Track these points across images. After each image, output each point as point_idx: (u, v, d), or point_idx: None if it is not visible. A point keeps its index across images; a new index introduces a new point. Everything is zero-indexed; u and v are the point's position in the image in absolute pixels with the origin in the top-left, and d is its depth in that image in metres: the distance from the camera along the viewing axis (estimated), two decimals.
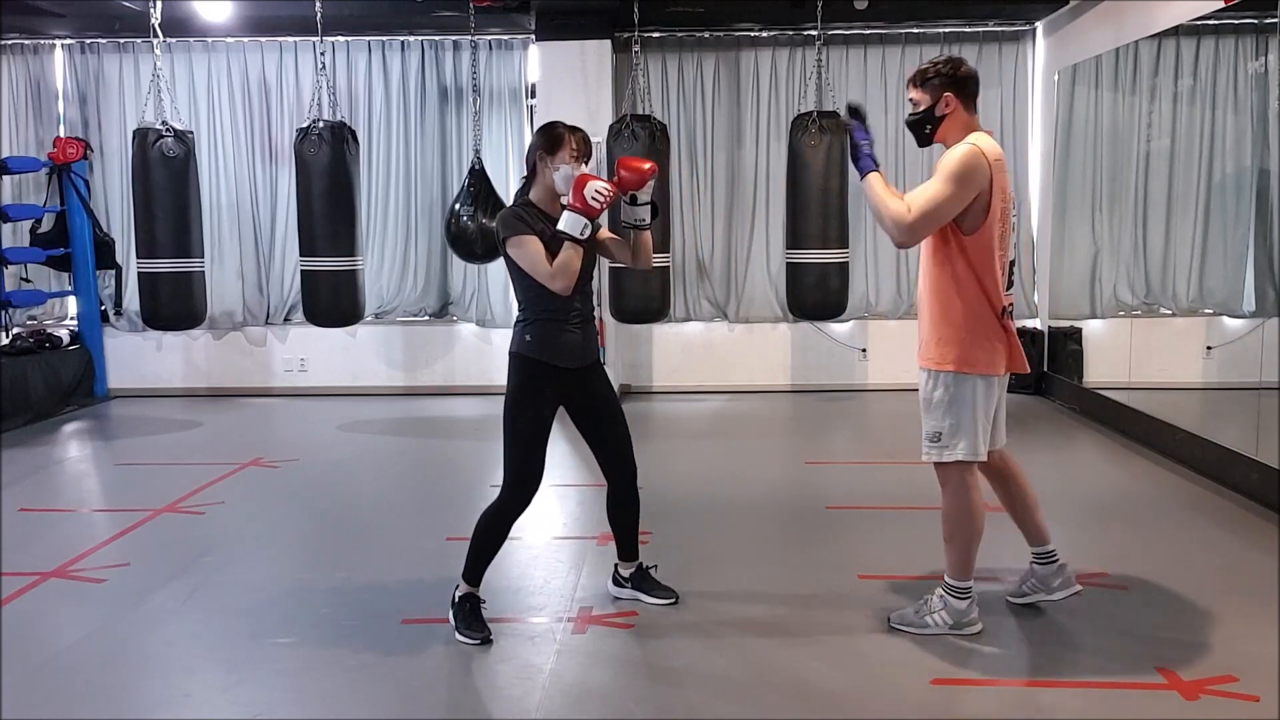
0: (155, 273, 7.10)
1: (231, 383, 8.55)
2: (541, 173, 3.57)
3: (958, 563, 3.52)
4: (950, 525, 3.52)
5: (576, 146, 3.54)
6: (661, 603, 3.84)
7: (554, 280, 3.43)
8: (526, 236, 3.47)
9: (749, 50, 8.29)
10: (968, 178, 3.27)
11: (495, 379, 8.45)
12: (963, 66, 3.44)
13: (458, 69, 8.31)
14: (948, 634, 3.51)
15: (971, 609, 3.54)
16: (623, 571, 3.93)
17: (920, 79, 3.43)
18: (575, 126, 3.62)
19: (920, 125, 3.46)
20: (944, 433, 3.44)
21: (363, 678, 3.30)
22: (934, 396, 3.45)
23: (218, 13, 7.57)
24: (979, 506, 3.50)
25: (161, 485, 5.65)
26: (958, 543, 3.51)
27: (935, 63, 3.45)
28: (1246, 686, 3.12)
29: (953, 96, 3.38)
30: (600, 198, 3.41)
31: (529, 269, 3.48)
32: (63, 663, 3.45)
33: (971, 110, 3.43)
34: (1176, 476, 5.65)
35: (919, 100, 3.43)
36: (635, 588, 3.90)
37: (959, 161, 3.29)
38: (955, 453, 3.44)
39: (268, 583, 4.20)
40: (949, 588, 3.54)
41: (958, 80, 3.40)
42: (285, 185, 8.27)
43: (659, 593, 3.87)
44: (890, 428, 7.40)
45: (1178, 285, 7.38)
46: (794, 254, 7.37)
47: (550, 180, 3.55)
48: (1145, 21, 6.47)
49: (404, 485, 6.04)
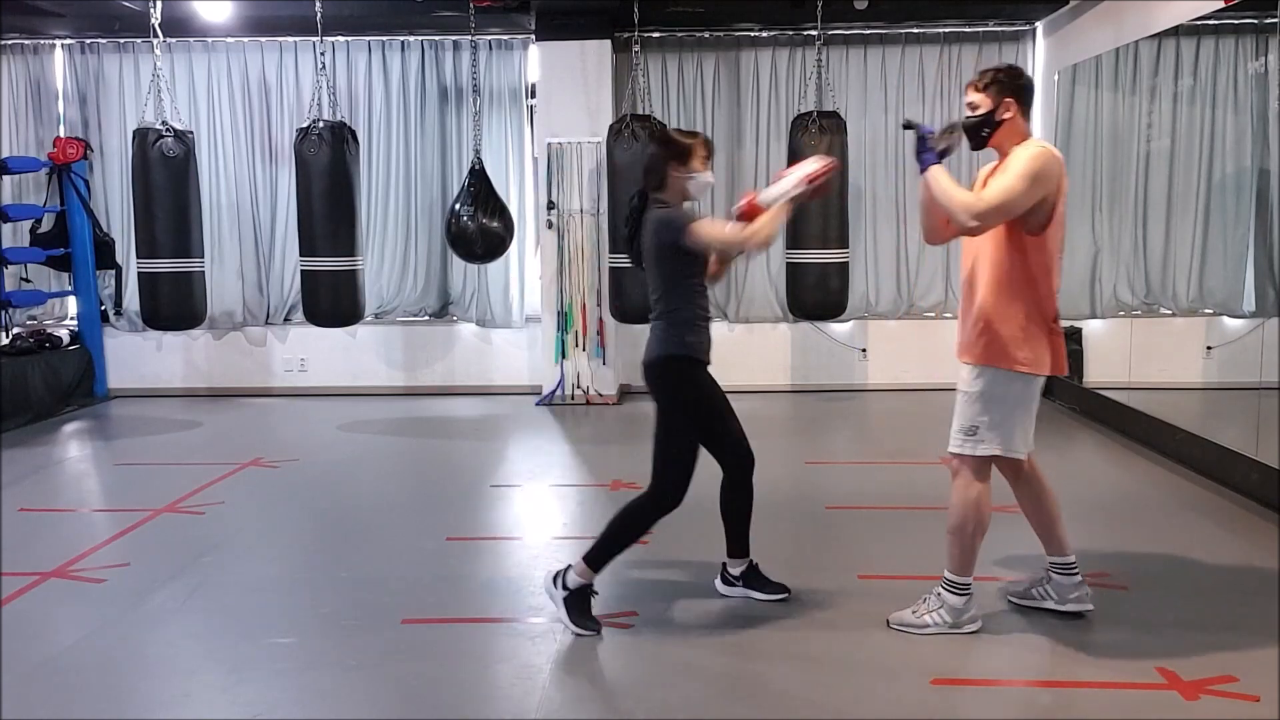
0: (155, 273, 7.10)
1: (231, 383, 8.55)
2: (673, 181, 3.64)
3: (959, 556, 3.52)
4: (955, 517, 3.52)
5: (704, 150, 3.66)
6: (774, 598, 3.82)
7: (753, 241, 3.54)
8: (702, 219, 3.62)
9: (749, 50, 8.29)
10: (1040, 177, 3.30)
11: (495, 379, 8.51)
12: (1024, 74, 3.52)
13: (458, 69, 8.31)
14: (946, 632, 3.51)
15: (970, 606, 3.54)
16: (732, 570, 3.90)
17: (982, 82, 3.45)
18: (694, 131, 3.79)
19: (978, 128, 3.47)
20: (981, 427, 3.46)
21: (363, 678, 3.30)
22: (977, 391, 3.46)
23: (218, 13, 7.57)
24: (987, 500, 3.51)
25: (161, 485, 5.65)
26: (962, 536, 3.51)
27: (997, 68, 3.51)
28: (1246, 686, 3.12)
29: (1013, 102, 3.42)
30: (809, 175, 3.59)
31: (722, 240, 3.60)
32: (63, 663, 3.45)
33: (1027, 119, 3.47)
34: (1176, 476, 5.65)
35: (979, 104, 3.45)
36: (747, 585, 3.87)
37: (1034, 160, 3.32)
38: (990, 447, 3.45)
39: (268, 583, 4.20)
40: (948, 583, 3.54)
41: (1019, 87, 3.44)
42: (285, 185, 8.27)
43: (771, 589, 3.85)
44: (890, 428, 7.41)
45: (1178, 285, 7.39)
46: (794, 254, 7.37)
47: (684, 187, 3.63)
48: (1145, 21, 6.46)
49: (404, 485, 6.04)
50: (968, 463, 3.51)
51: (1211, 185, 6.84)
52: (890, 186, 8.34)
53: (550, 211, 7.89)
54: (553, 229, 7.90)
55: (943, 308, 8.45)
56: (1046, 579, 3.70)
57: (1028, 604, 3.72)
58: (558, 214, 7.88)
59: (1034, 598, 3.71)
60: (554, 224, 7.89)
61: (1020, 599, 3.75)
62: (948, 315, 8.45)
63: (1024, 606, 3.72)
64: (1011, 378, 3.42)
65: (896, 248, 8.38)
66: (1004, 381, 3.43)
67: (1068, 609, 3.63)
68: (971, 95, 3.48)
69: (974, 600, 3.56)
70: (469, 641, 3.59)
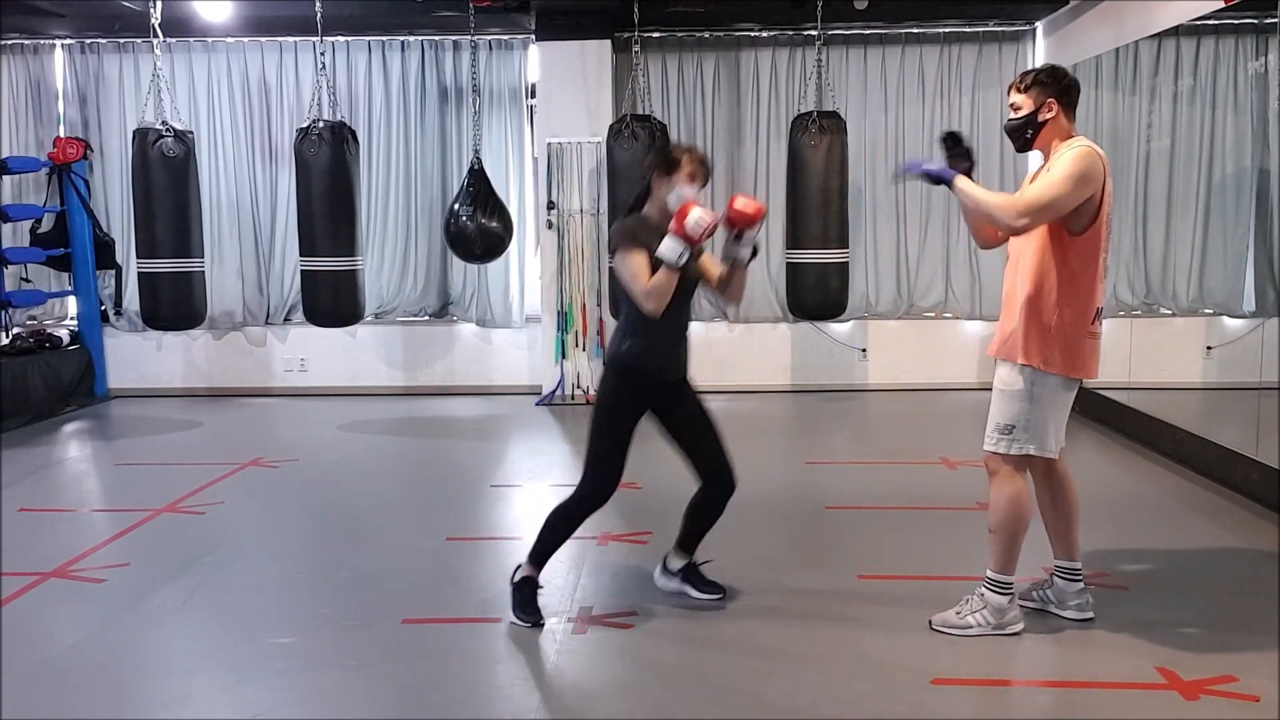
0: (155, 273, 7.10)
1: (231, 383, 8.55)
2: (656, 191, 3.62)
3: (1001, 554, 3.51)
4: (998, 514, 3.51)
5: (693, 168, 3.58)
6: (709, 598, 3.83)
7: (646, 300, 3.49)
8: (635, 251, 3.53)
9: (749, 50, 8.29)
10: (1086, 177, 3.30)
11: (495, 379, 8.51)
12: (1068, 74, 3.50)
13: (458, 69, 8.31)
14: (990, 634, 3.49)
15: (1013, 606, 3.53)
16: (673, 563, 3.91)
17: (1024, 84, 3.45)
18: (692, 147, 3.70)
19: (1021, 130, 3.47)
20: (1018, 426, 3.44)
21: (363, 678, 3.30)
22: (1014, 390, 3.45)
23: (218, 13, 7.57)
24: (1026, 496, 3.51)
25: (161, 485, 5.65)
26: (1004, 533, 3.50)
27: (1038, 69, 3.51)
28: (1246, 686, 3.12)
29: (1055, 102, 3.41)
30: (700, 228, 3.41)
31: (627, 282, 3.55)
32: (63, 663, 3.45)
33: (1071, 119, 3.46)
34: (1176, 476, 5.65)
35: (1021, 105, 3.45)
36: (685, 580, 3.89)
37: (1079, 159, 3.31)
38: (1025, 447, 3.45)
39: (268, 583, 4.20)
40: (990, 582, 3.52)
41: (1062, 87, 3.43)
42: (285, 185, 8.26)
43: (707, 588, 3.86)
44: (890, 428, 7.41)
45: (1178, 285, 7.39)
46: (794, 254, 7.37)
47: (664, 200, 3.59)
48: (1145, 21, 6.46)
49: (404, 485, 6.04)
50: (1006, 461, 3.49)
51: (1211, 185, 6.85)
52: (890, 186, 8.34)
53: (550, 211, 7.89)
54: (553, 229, 7.90)
55: (942, 308, 8.45)
56: (1049, 583, 3.69)
57: (1027, 605, 3.70)
58: (558, 214, 7.88)
59: (1034, 600, 3.71)
60: (554, 224, 7.89)
61: (1023, 600, 3.72)
62: (948, 315, 8.45)
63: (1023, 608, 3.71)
64: (1049, 378, 3.41)
65: (896, 248, 8.38)
66: (1041, 381, 3.42)
67: (1067, 615, 3.62)
68: (1013, 96, 3.48)
69: (1016, 600, 3.55)
70: (469, 641, 3.59)
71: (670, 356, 3.69)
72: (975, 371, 8.39)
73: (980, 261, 8.29)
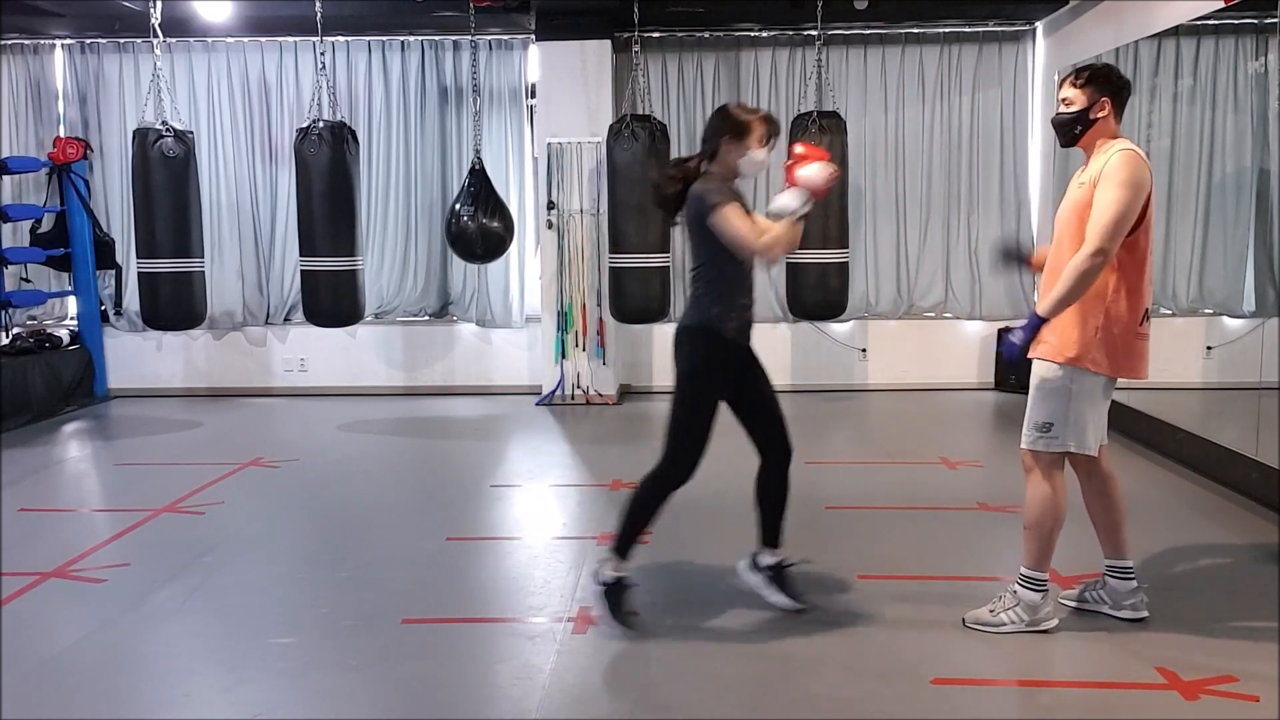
0: (155, 273, 7.10)
1: (231, 383, 8.55)
2: (726, 155, 3.58)
3: (1036, 552, 3.51)
4: (1034, 511, 3.50)
5: (764, 130, 3.57)
6: (787, 607, 3.71)
7: (768, 250, 3.47)
8: (734, 206, 3.48)
9: (749, 50, 8.29)
10: (1140, 182, 3.29)
11: (495, 379, 8.52)
12: (1122, 76, 3.48)
13: (458, 69, 8.31)
14: (1025, 631, 3.49)
15: (1046, 603, 3.53)
16: (763, 559, 3.79)
17: (1080, 79, 3.42)
18: (761, 110, 3.67)
19: (1071, 125, 3.45)
20: (1056, 423, 3.44)
21: (363, 678, 3.30)
22: (1052, 387, 3.44)
23: (218, 13, 7.57)
24: (1063, 493, 3.50)
25: (161, 485, 5.65)
26: (1039, 530, 3.50)
27: (1095, 65, 3.49)
28: (1246, 686, 3.12)
29: (1109, 101, 3.39)
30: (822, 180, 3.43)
31: (736, 236, 3.46)
32: (63, 663, 3.45)
33: (1119, 120, 3.44)
34: (1176, 476, 5.65)
35: (1074, 100, 3.42)
36: (769, 581, 3.76)
37: (1128, 166, 3.29)
38: (1066, 444, 3.45)
39: (268, 583, 4.20)
40: (1024, 578, 3.52)
41: (1116, 87, 3.42)
42: (285, 185, 8.26)
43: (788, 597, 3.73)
44: (890, 428, 7.41)
45: (1178, 285, 7.38)
46: (794, 254, 7.35)
47: (734, 163, 3.56)
48: (1145, 21, 6.46)
49: (404, 485, 6.04)
50: (1041, 459, 3.49)
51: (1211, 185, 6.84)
52: (890, 186, 8.34)
53: (550, 211, 7.89)
54: (553, 229, 7.90)
55: (942, 308, 8.45)
56: (1102, 583, 3.68)
57: (1081, 607, 3.68)
58: (558, 214, 7.88)
59: (1088, 601, 3.69)
60: (554, 224, 7.90)
61: (1075, 602, 3.71)
62: (948, 315, 8.45)
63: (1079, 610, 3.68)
64: (1090, 376, 3.41)
65: (896, 248, 8.38)
66: (1080, 379, 3.41)
67: (1123, 615, 3.60)
68: (1067, 91, 3.45)
69: (1050, 596, 3.55)
70: (469, 641, 3.59)
71: (750, 320, 3.69)
72: (975, 371, 8.39)
73: (980, 261, 8.30)
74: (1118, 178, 3.28)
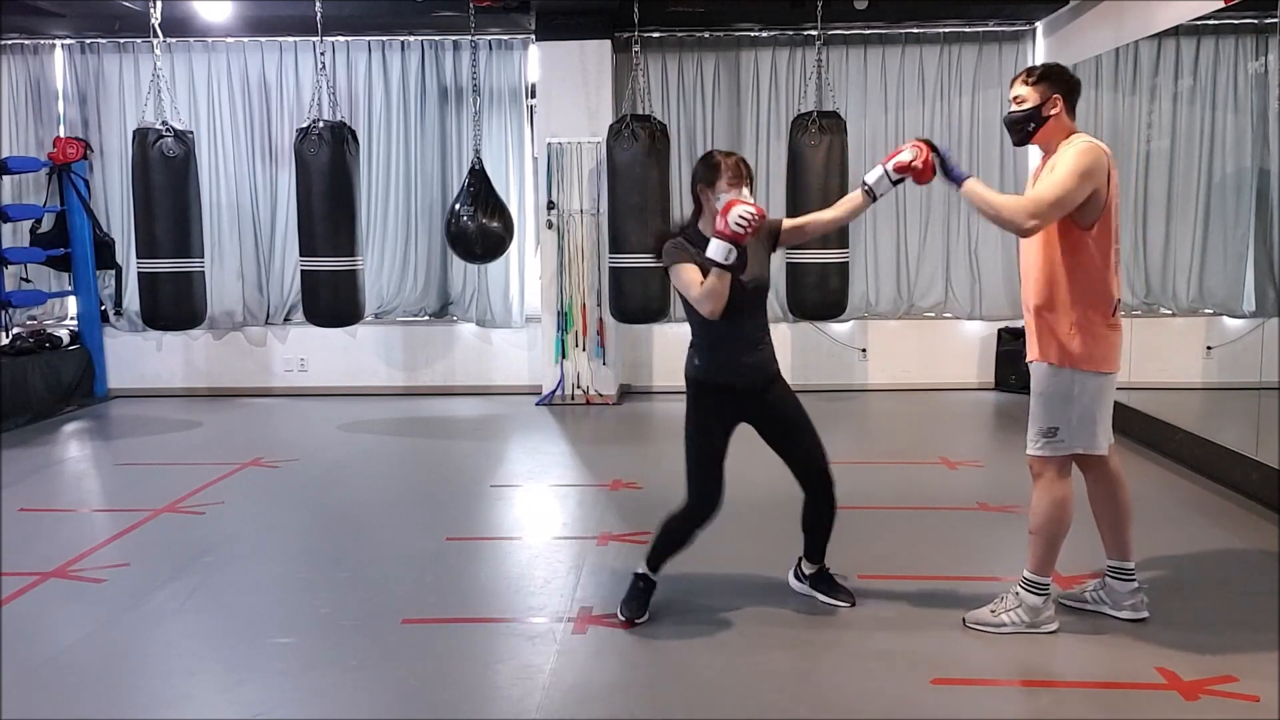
0: (155, 273, 7.09)
1: (231, 383, 8.55)
2: (706, 204, 3.63)
3: (1040, 557, 3.51)
4: (1040, 518, 3.50)
5: (731, 172, 3.58)
6: (837, 604, 3.82)
7: (702, 304, 3.49)
8: (682, 263, 3.54)
9: (749, 50, 8.29)
10: (1090, 172, 3.30)
11: (494, 379, 8.52)
12: (1072, 74, 3.51)
13: (458, 69, 8.31)
14: (1024, 632, 3.49)
15: (1047, 606, 3.53)
16: (806, 568, 3.94)
17: (1032, 77, 3.44)
18: (729, 151, 3.70)
19: (1023, 123, 3.46)
20: (1061, 428, 3.44)
21: (363, 678, 3.30)
22: (1054, 391, 3.44)
23: (218, 13, 7.57)
24: (1070, 500, 3.50)
25: (161, 485, 5.65)
26: (1045, 536, 3.50)
27: (1047, 64, 3.52)
28: (1246, 686, 3.12)
29: (1060, 99, 3.41)
30: (744, 223, 3.38)
31: (683, 291, 3.55)
32: (63, 663, 3.45)
33: (1072, 117, 3.46)
34: (1176, 476, 5.65)
35: (1026, 98, 3.44)
36: (814, 586, 3.90)
37: (1082, 155, 3.31)
38: (1073, 447, 3.45)
39: (268, 583, 4.20)
40: (1027, 583, 3.52)
41: (1067, 83, 3.44)
42: (285, 185, 8.27)
43: (836, 594, 3.86)
44: (890, 428, 7.41)
45: (1178, 285, 7.39)
46: (794, 254, 7.37)
47: (715, 210, 3.57)
48: (1145, 21, 6.46)
49: (404, 485, 6.04)
50: (1050, 464, 3.49)
51: (1211, 185, 6.85)
52: None
53: (550, 211, 7.89)
54: (553, 229, 7.90)
55: (942, 308, 8.46)
56: (1102, 584, 3.68)
57: (1081, 607, 3.68)
58: (558, 214, 7.88)
59: (1088, 601, 3.69)
60: (554, 224, 7.90)
61: (1074, 601, 3.71)
62: (948, 315, 8.46)
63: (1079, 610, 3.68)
64: (1085, 375, 3.41)
65: (896, 248, 8.38)
66: (1079, 380, 3.42)
67: (1123, 615, 3.60)
68: (1018, 89, 3.47)
69: (1051, 600, 3.55)
70: (469, 641, 3.59)
71: (741, 367, 3.67)
72: (975, 371, 8.40)
73: (980, 261, 8.30)
74: (1068, 165, 3.31)
